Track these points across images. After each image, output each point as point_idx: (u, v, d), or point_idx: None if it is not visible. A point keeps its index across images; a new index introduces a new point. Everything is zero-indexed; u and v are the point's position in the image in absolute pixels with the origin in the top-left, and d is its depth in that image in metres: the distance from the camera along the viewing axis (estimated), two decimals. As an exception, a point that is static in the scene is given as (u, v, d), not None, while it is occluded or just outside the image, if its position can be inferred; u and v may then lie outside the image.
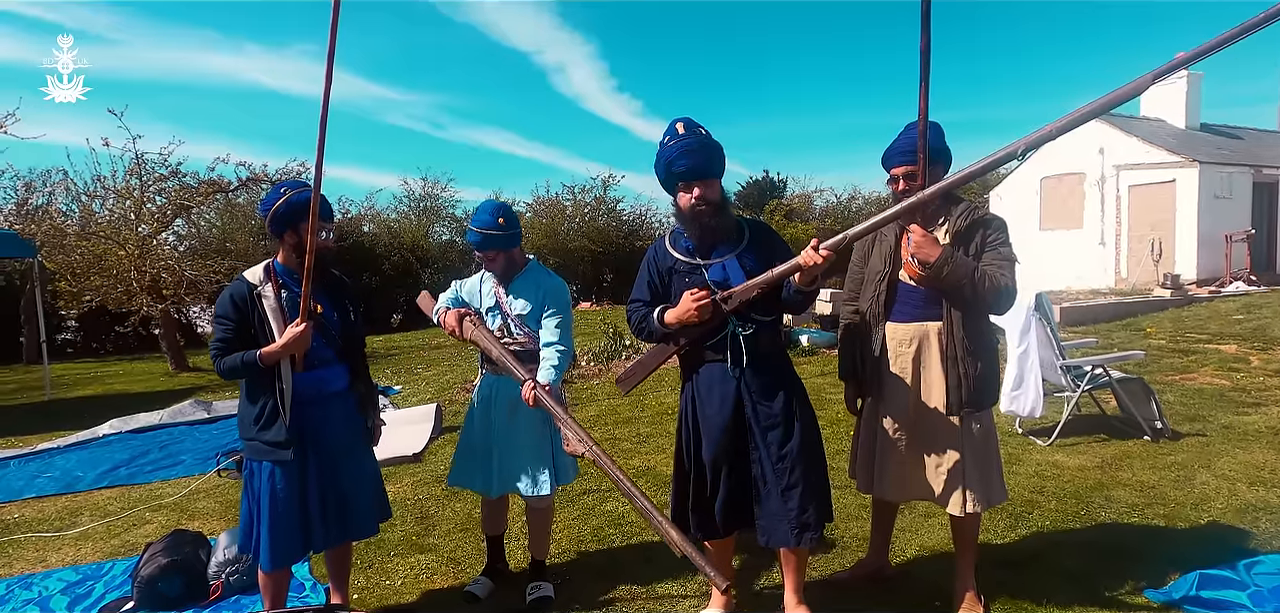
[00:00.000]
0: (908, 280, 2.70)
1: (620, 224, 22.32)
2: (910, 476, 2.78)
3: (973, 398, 2.66)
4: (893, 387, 2.76)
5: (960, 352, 2.63)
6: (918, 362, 2.72)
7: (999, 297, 2.57)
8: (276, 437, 2.60)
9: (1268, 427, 5.07)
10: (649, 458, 5.17)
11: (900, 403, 2.75)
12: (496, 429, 3.08)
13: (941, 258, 2.52)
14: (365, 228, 19.97)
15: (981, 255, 2.62)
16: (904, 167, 2.65)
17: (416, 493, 4.69)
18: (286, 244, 2.70)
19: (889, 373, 2.77)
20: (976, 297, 2.57)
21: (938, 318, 2.68)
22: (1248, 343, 8.19)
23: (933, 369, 2.69)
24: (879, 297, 2.76)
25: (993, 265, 2.59)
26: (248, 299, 2.63)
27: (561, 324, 3.05)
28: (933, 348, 2.69)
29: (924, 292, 2.68)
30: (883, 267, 2.77)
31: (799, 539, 2.52)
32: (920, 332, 2.72)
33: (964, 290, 2.56)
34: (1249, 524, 3.53)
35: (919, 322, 2.72)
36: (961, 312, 2.64)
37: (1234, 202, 15.51)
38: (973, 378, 2.65)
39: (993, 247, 2.64)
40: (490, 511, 3.32)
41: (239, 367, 2.59)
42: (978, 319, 2.69)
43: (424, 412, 6.57)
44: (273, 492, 2.63)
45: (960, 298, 2.61)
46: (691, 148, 2.51)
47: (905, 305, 2.74)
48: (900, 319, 2.76)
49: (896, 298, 2.75)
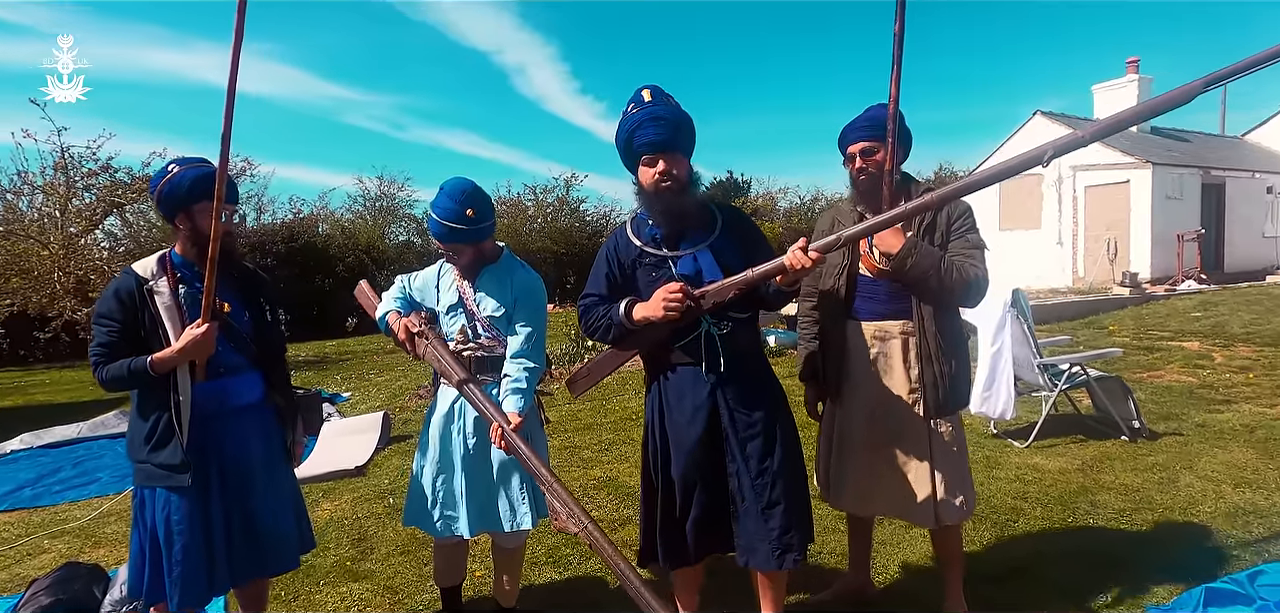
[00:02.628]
0: (868, 273, 2.46)
1: (584, 225, 21.93)
2: (875, 487, 2.53)
3: (948, 400, 2.43)
4: (855, 390, 2.52)
5: (933, 350, 2.40)
6: (882, 362, 2.48)
7: (969, 289, 2.35)
8: (171, 459, 2.21)
9: (1242, 425, 4.98)
10: (612, 467, 4.84)
11: (863, 407, 2.51)
12: (466, 454, 2.58)
13: (905, 248, 2.29)
14: (319, 228, 19.21)
15: (948, 244, 2.40)
16: (862, 142, 2.40)
17: (355, 511, 4.28)
18: (180, 232, 2.30)
19: (851, 375, 2.52)
20: (944, 289, 2.34)
21: (904, 315, 2.45)
22: (1208, 340, 8.24)
23: (898, 371, 2.45)
24: (839, 292, 2.51)
25: (960, 255, 2.37)
26: (136, 296, 2.23)
27: (533, 331, 2.57)
28: (898, 347, 2.45)
29: (887, 286, 2.44)
30: (841, 259, 2.51)
31: (781, 562, 2.23)
32: (884, 330, 2.47)
33: (930, 283, 2.33)
34: (1240, 529, 3.37)
35: (883, 319, 2.47)
36: (931, 307, 2.41)
37: (1185, 202, 15.89)
38: (948, 378, 2.42)
39: (959, 234, 2.42)
40: (447, 557, 2.78)
41: (125, 376, 2.20)
42: (948, 314, 2.47)
43: (370, 420, 6.14)
44: (168, 524, 2.24)
45: (927, 291, 2.38)
46: (659, 117, 2.20)
47: (868, 301, 2.49)
48: (863, 316, 2.50)
49: (857, 293, 2.50)
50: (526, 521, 2.58)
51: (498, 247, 2.71)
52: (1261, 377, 6.42)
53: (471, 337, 2.63)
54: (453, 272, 2.68)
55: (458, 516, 2.60)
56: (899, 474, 2.47)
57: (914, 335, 2.43)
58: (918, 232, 2.37)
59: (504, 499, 2.59)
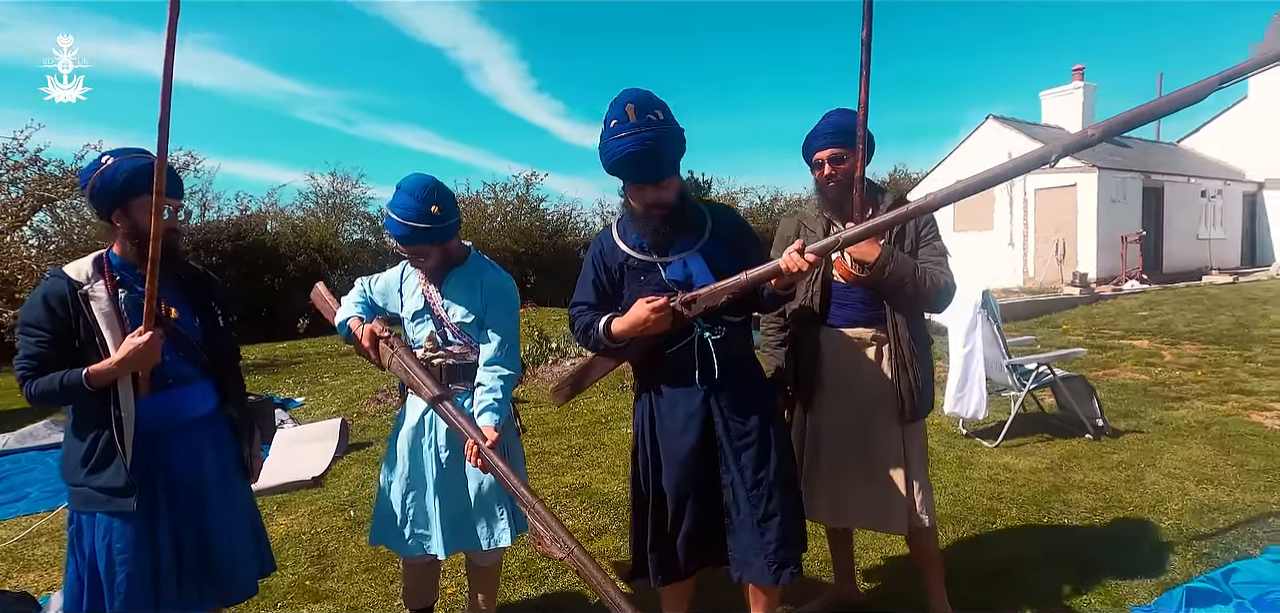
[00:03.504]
0: (842, 280, 2.44)
1: (544, 224, 21.66)
2: (851, 497, 2.49)
3: (921, 405, 2.43)
4: (829, 397, 2.48)
5: (907, 356, 2.40)
6: (855, 370, 2.45)
7: (939, 295, 2.37)
8: (113, 482, 2.00)
9: (1197, 422, 5.13)
10: (583, 473, 4.71)
11: (838, 415, 2.47)
12: (439, 469, 2.41)
13: (883, 256, 2.27)
14: (268, 226, 18.49)
15: (917, 251, 2.41)
16: (830, 149, 2.38)
17: (314, 525, 4.05)
18: (118, 230, 2.09)
19: (825, 382, 2.48)
20: (919, 296, 2.35)
21: (878, 321, 2.44)
22: (1156, 338, 8.53)
23: (871, 377, 2.43)
24: (814, 299, 2.47)
25: (930, 262, 2.38)
26: (69, 302, 2.01)
27: (507, 337, 2.41)
28: (871, 354, 2.44)
29: (862, 293, 2.43)
30: (815, 266, 2.46)
31: (778, 577, 2.13)
32: (858, 337, 2.46)
33: (906, 289, 2.33)
34: (1207, 526, 3.43)
35: (858, 326, 2.46)
36: (904, 314, 2.41)
37: (1127, 205, 16.51)
38: (920, 383, 2.42)
39: (927, 242, 2.43)
40: (417, 577, 2.61)
41: (58, 391, 1.97)
42: (918, 321, 2.47)
43: (327, 428, 5.86)
44: (109, 552, 2.02)
45: (902, 298, 2.38)
46: (644, 149, 2.01)
47: (843, 308, 2.47)
48: (837, 323, 2.48)
49: (832, 299, 2.47)
50: (505, 537, 2.43)
51: (464, 247, 2.53)
52: (1209, 374, 6.65)
53: (441, 344, 2.46)
54: (417, 275, 2.51)
55: (430, 534, 2.43)
56: (875, 482, 2.45)
57: (888, 341, 2.42)
58: (891, 239, 2.36)
59: (480, 515, 2.43)
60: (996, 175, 1.94)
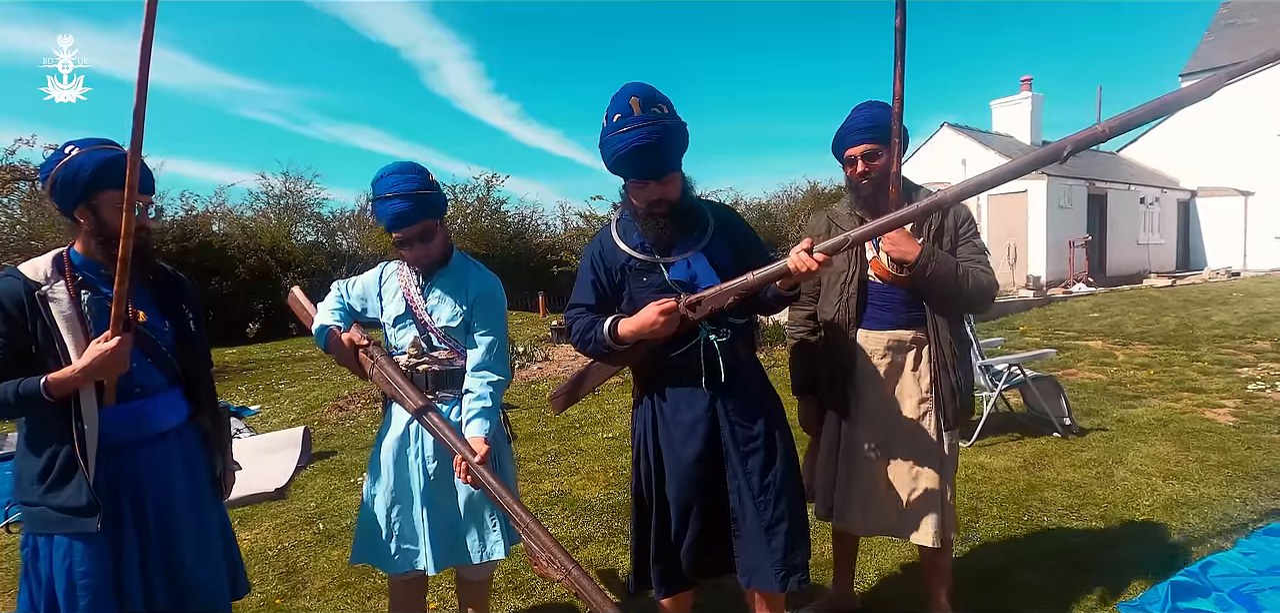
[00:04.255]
0: (877, 280, 2.38)
1: (505, 226, 21.39)
2: (884, 505, 2.43)
3: (963, 411, 2.38)
4: (864, 403, 2.41)
5: (948, 359, 2.34)
6: (894, 374, 2.39)
7: (983, 294, 2.31)
8: (74, 500, 1.83)
9: (1156, 419, 5.30)
10: (562, 480, 4.60)
11: (876, 422, 2.41)
12: (426, 481, 2.29)
13: (923, 256, 2.22)
14: (215, 227, 17.76)
15: (956, 249, 2.35)
16: (864, 145, 2.31)
17: (280, 540, 3.85)
18: (81, 227, 1.91)
19: (860, 387, 2.41)
20: (961, 295, 2.28)
21: (918, 323, 2.37)
22: (1109, 339, 8.84)
23: (910, 381, 2.38)
24: (849, 301, 2.40)
25: (972, 260, 2.33)
26: (26, 304, 1.83)
27: (495, 340, 2.30)
28: (910, 357, 2.38)
29: (900, 294, 2.36)
30: (849, 266, 2.41)
31: (785, 584, 2.08)
32: (896, 339, 2.39)
33: (947, 289, 2.26)
34: (1178, 521, 3.52)
35: (896, 328, 2.39)
36: (945, 315, 2.35)
37: (1074, 211, 17.17)
38: (962, 389, 2.37)
39: (966, 239, 2.38)
40: (405, 594, 2.46)
41: (12, 401, 1.79)
42: (959, 322, 2.43)
43: (288, 437, 5.62)
44: (70, 578, 1.85)
45: (943, 298, 2.32)
46: (647, 144, 1.95)
47: (880, 310, 2.40)
48: (874, 326, 2.41)
49: (868, 301, 2.40)
50: (498, 550, 2.32)
51: (450, 245, 2.41)
52: (1161, 373, 6.91)
53: (426, 349, 2.33)
54: (397, 277, 2.39)
55: (418, 549, 2.31)
56: (909, 490, 2.38)
57: (928, 344, 2.35)
58: (929, 238, 2.30)
59: (472, 527, 2.32)
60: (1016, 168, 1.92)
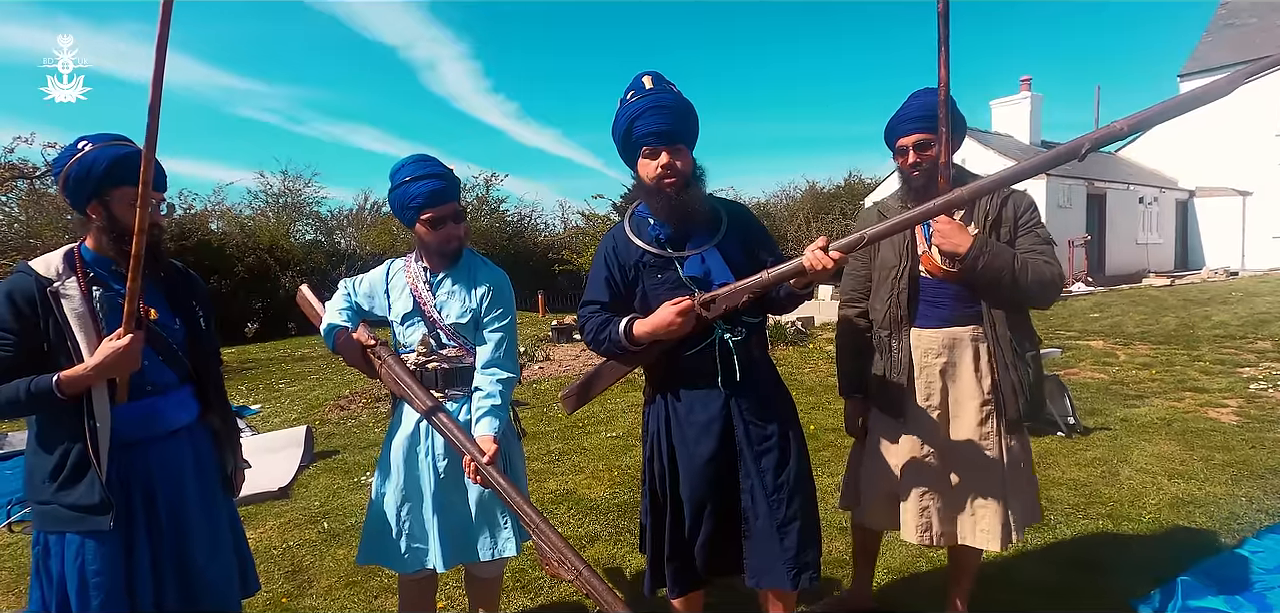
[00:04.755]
0: (929, 275, 2.31)
1: (505, 226, 21.38)
2: (948, 512, 2.34)
3: (1028, 408, 2.30)
4: (920, 404, 2.33)
5: (1008, 355, 2.26)
6: (949, 373, 2.32)
7: (1045, 288, 2.20)
8: (87, 498, 1.82)
9: (1160, 418, 5.30)
10: (567, 479, 4.59)
11: (931, 424, 2.33)
12: (436, 479, 2.28)
13: (975, 248, 2.15)
14: (213, 226, 17.71)
15: (1015, 241, 2.27)
16: (916, 135, 2.24)
17: (285, 539, 3.84)
18: (93, 224, 1.90)
19: (916, 388, 2.34)
20: (1018, 290, 2.18)
21: (974, 320, 2.30)
22: (1110, 338, 8.85)
23: (967, 380, 2.30)
24: (900, 298, 2.33)
25: (1033, 252, 2.23)
26: (37, 301, 1.82)
27: (504, 336, 2.30)
28: (968, 355, 2.30)
29: (954, 289, 2.28)
30: (900, 261, 2.33)
31: (797, 581, 2.07)
32: (952, 337, 2.31)
33: (1002, 283, 2.17)
34: (1185, 519, 3.53)
35: (950, 325, 2.31)
36: (1002, 309, 2.27)
37: (1073, 211, 17.19)
38: (1026, 384, 2.29)
39: (1027, 229, 2.28)
40: (415, 593, 2.45)
41: (24, 399, 1.78)
42: (1021, 315, 2.33)
43: (290, 436, 5.60)
44: (82, 576, 1.84)
45: (999, 293, 2.23)
46: (661, 105, 2.02)
47: (933, 306, 2.32)
48: (927, 324, 2.33)
49: (920, 298, 2.33)
50: (509, 548, 2.31)
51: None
52: (1163, 372, 6.92)
53: (434, 347, 2.32)
54: (403, 274, 2.39)
55: (428, 547, 2.30)
56: (974, 495, 2.31)
57: (986, 341, 2.27)
58: (984, 229, 2.24)
59: (482, 525, 2.31)
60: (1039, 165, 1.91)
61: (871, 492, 2.49)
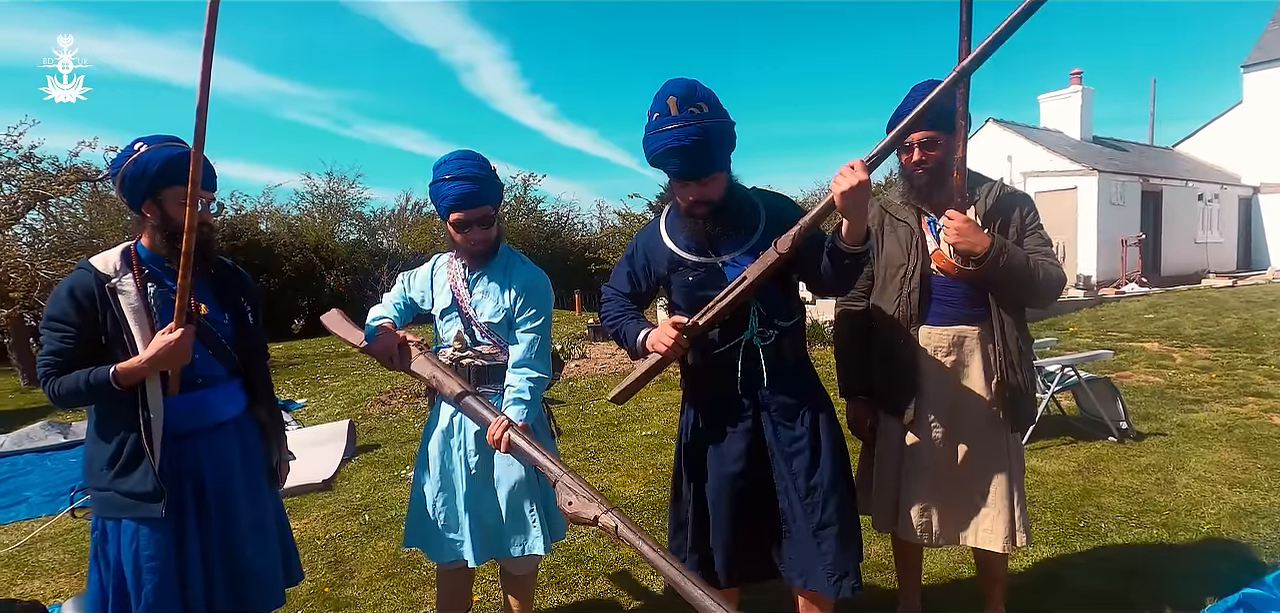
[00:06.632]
0: (942, 273, 2.26)
1: (542, 225, 21.58)
2: (951, 513, 2.31)
3: (1026, 412, 2.29)
4: (927, 404, 2.29)
5: (1014, 357, 2.24)
6: (959, 372, 2.28)
7: (1053, 288, 2.19)
8: (141, 486, 1.89)
9: (1219, 425, 5.08)
10: (602, 477, 4.61)
11: (941, 424, 2.29)
12: (468, 474, 2.31)
13: (996, 246, 2.10)
14: (262, 226, 18.30)
15: (1022, 240, 2.23)
16: (922, 131, 2.14)
17: (328, 530, 3.94)
18: (148, 222, 1.97)
19: (922, 388, 2.29)
20: (1030, 291, 2.17)
21: (981, 319, 2.26)
22: (1166, 340, 8.50)
23: (977, 380, 2.26)
24: (911, 296, 2.27)
25: (1040, 252, 2.21)
26: (97, 296, 1.90)
27: (537, 336, 2.29)
28: (976, 356, 2.26)
29: (964, 288, 2.24)
30: (909, 259, 2.28)
31: (838, 589, 2.04)
32: (959, 336, 2.28)
33: (1019, 281, 2.15)
34: (1248, 531, 3.36)
35: (958, 324, 2.27)
36: (1011, 311, 2.25)
37: (1126, 209, 16.56)
38: (1026, 388, 2.27)
39: (1032, 230, 2.25)
40: (450, 585, 2.49)
41: (84, 390, 1.86)
42: (1021, 318, 2.30)
43: (334, 430, 5.75)
44: (137, 560, 1.91)
45: (1008, 294, 2.21)
46: (683, 147, 1.90)
47: (944, 305, 2.28)
48: (936, 322, 2.29)
49: (932, 296, 2.29)
50: (538, 545, 2.33)
51: (500, 238, 2.40)
52: (1223, 376, 6.62)
53: (469, 343, 2.34)
54: (445, 269, 2.41)
55: (462, 539, 2.33)
56: (979, 496, 2.28)
57: (994, 342, 2.25)
58: (993, 227, 2.20)
59: (513, 523, 2.33)
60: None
61: (882, 495, 2.43)
